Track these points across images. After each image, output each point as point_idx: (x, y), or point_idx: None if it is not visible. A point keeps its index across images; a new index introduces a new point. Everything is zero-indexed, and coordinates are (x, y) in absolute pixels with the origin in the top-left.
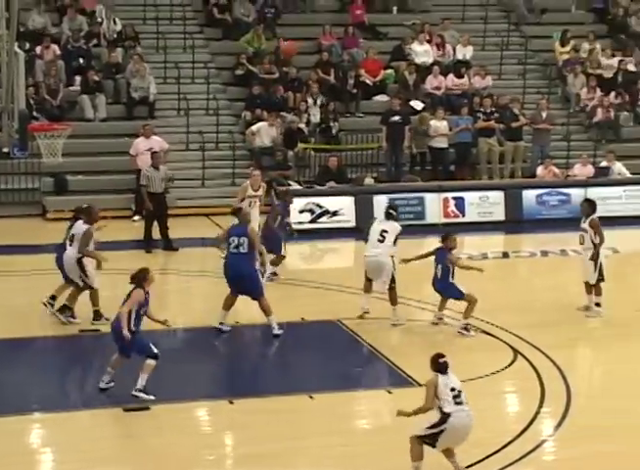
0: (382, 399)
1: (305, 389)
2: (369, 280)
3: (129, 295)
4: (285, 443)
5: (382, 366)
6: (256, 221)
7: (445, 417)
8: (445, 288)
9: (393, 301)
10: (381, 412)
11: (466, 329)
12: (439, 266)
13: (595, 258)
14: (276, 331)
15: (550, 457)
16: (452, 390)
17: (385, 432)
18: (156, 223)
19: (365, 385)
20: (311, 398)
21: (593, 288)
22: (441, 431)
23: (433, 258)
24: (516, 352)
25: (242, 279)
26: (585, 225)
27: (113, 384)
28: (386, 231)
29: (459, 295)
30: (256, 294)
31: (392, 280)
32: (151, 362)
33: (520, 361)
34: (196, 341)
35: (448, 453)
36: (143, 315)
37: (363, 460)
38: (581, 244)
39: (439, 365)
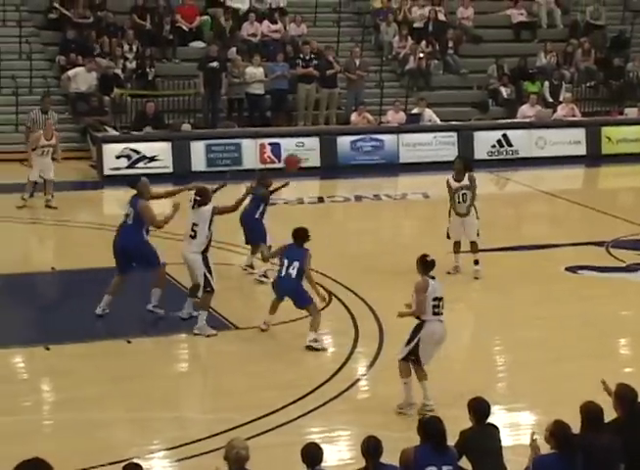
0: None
1: (123, 334)
2: None
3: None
4: (103, 386)
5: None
6: (50, 170)
7: (420, 325)
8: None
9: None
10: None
11: (265, 276)
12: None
13: (476, 213)
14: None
15: (364, 395)
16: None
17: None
18: None
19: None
20: (129, 342)
21: (472, 245)
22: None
23: None
24: (330, 294)
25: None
26: (466, 182)
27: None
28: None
29: None
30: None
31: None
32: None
33: (334, 303)
34: (12, 287)
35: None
36: None
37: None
38: (464, 202)
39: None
